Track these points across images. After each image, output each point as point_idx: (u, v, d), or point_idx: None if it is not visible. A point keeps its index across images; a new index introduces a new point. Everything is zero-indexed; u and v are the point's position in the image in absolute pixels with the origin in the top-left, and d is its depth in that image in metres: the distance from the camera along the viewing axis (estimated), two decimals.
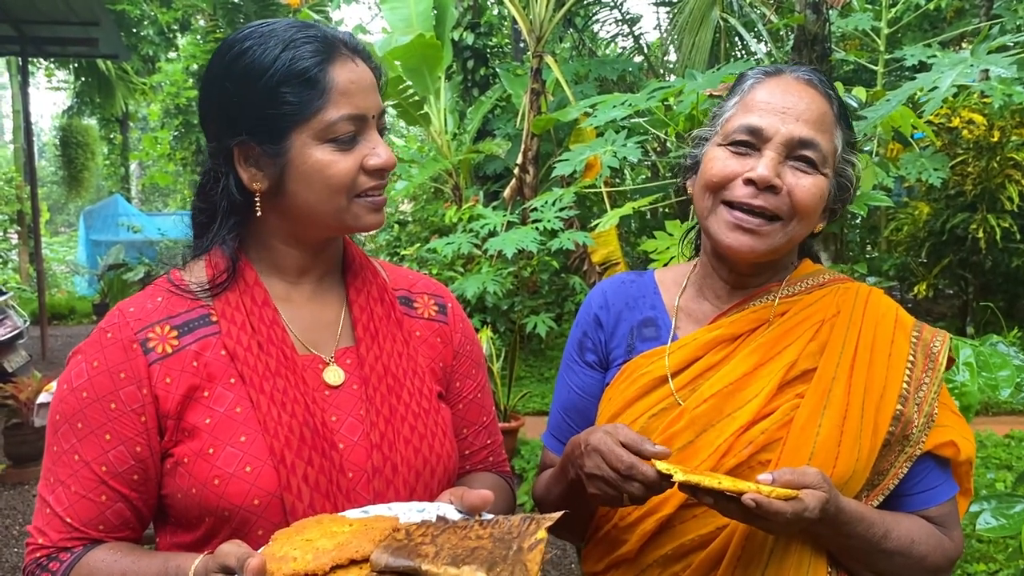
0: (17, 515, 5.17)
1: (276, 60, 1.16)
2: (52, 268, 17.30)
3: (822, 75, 1.35)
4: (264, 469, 1.14)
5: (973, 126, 7.48)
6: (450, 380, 1.42)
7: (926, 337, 1.34)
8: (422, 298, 1.43)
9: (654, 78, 9.96)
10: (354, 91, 1.18)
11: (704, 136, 1.38)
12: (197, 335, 1.20)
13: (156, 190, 26.29)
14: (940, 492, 1.32)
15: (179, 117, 19.01)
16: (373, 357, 1.29)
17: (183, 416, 1.17)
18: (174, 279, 1.26)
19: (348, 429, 1.23)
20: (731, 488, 1.07)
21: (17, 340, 7.97)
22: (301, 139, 1.18)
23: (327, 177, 1.18)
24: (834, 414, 1.25)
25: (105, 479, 1.16)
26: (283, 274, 1.29)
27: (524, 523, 0.98)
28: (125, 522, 1.19)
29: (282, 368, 1.20)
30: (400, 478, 1.23)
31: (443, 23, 7.65)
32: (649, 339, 1.42)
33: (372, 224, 1.24)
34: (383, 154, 1.21)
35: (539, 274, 5.88)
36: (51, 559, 1.15)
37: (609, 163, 3.40)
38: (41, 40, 9.72)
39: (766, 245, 1.27)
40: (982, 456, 5.41)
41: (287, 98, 1.16)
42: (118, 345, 1.18)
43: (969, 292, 8.59)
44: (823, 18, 3.27)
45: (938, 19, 11.36)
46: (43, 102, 59.11)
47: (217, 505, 1.13)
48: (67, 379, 1.20)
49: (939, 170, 3.12)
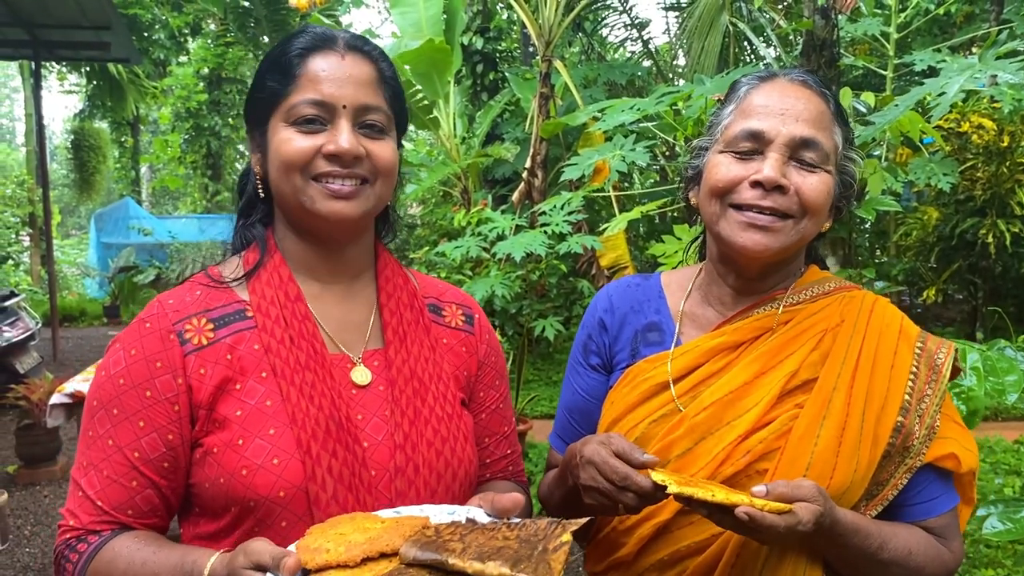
0: (28, 515, 5.20)
1: (272, 52, 1.26)
2: (63, 270, 17.40)
3: (815, 76, 1.36)
4: (291, 462, 1.17)
5: (983, 131, 7.46)
6: (474, 390, 1.44)
7: (930, 348, 1.33)
8: (450, 307, 1.46)
9: (663, 82, 9.96)
10: (323, 78, 1.22)
11: (703, 146, 1.39)
12: (232, 328, 1.24)
13: (166, 193, 26.41)
14: (940, 503, 1.32)
15: (189, 120, 19.13)
16: (400, 360, 1.31)
17: (215, 407, 1.20)
18: (211, 273, 1.31)
19: (373, 428, 1.25)
20: (725, 500, 1.07)
21: (29, 342, 8.02)
22: (275, 122, 1.24)
23: (282, 154, 1.22)
24: (833, 425, 1.25)
25: (137, 464, 1.19)
26: (313, 274, 1.32)
27: (550, 526, 1.01)
28: (153, 509, 1.21)
29: (312, 363, 1.23)
30: (421, 479, 1.25)
31: (453, 27, 7.68)
32: (653, 344, 1.42)
33: (329, 211, 1.23)
34: (343, 142, 1.21)
35: (547, 278, 5.88)
36: (80, 540, 1.18)
37: (618, 167, 3.41)
38: (54, 44, 9.79)
39: (779, 242, 1.27)
40: (990, 461, 5.39)
41: (267, 83, 1.25)
42: (156, 335, 1.22)
43: (978, 297, 8.56)
44: (832, 23, 3.28)
45: (947, 24, 11.33)
46: (55, 105, 59.49)
47: (244, 495, 1.16)
48: (105, 366, 1.23)
49: (948, 175, 3.12)
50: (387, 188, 1.29)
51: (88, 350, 10.89)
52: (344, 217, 1.23)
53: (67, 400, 3.65)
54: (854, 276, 3.19)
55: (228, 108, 19.82)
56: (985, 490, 4.75)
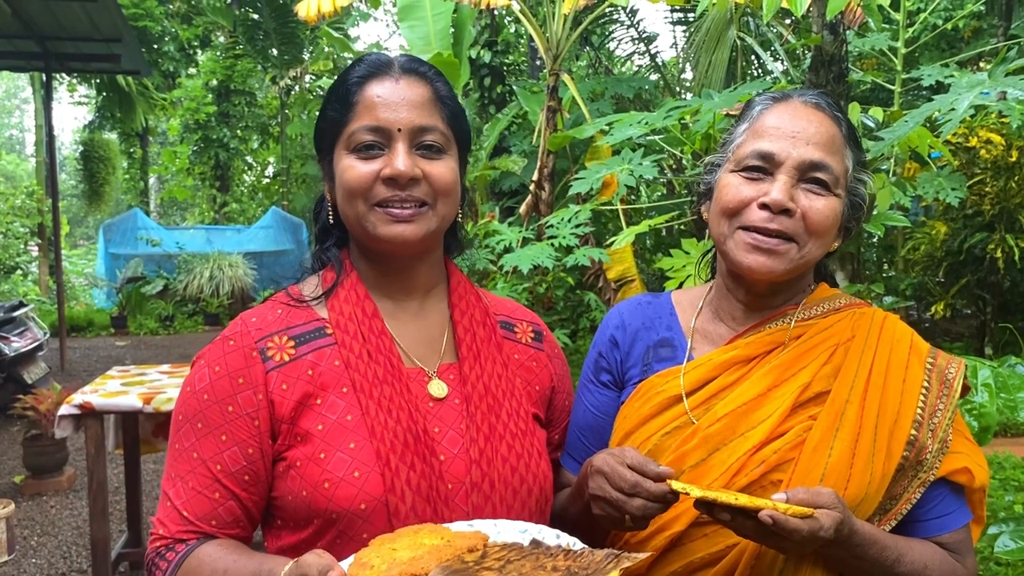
0: (35, 526, 5.20)
1: (333, 83, 1.32)
2: (71, 281, 17.44)
3: (829, 98, 1.37)
4: (371, 475, 1.20)
5: (991, 146, 7.45)
6: (551, 408, 1.49)
7: (941, 363, 1.34)
8: (521, 324, 1.50)
9: (670, 96, 9.98)
10: (379, 104, 1.26)
11: (716, 163, 1.41)
12: (313, 345, 1.29)
13: (175, 204, 26.54)
14: (954, 519, 1.32)
15: (198, 132, 19.21)
16: (475, 375, 1.34)
17: (296, 421, 1.24)
18: (292, 292, 1.36)
19: (449, 441, 1.28)
20: (747, 505, 1.07)
21: (37, 352, 8.05)
22: (338, 151, 1.30)
23: (345, 181, 1.27)
24: (847, 436, 1.26)
25: (219, 477, 1.23)
26: (387, 292, 1.37)
27: (606, 559, 0.99)
28: (236, 520, 1.25)
29: (389, 377, 1.27)
30: (497, 494, 1.27)
31: (461, 41, 7.73)
32: (665, 359, 1.43)
33: (389, 235, 1.26)
34: (400, 164, 1.24)
35: (554, 290, 5.89)
36: (168, 549, 1.23)
37: (625, 181, 3.42)
38: (65, 56, 9.87)
39: (784, 265, 1.29)
40: (1000, 478, 5.35)
41: (329, 114, 1.31)
42: (239, 352, 1.26)
43: (987, 312, 8.52)
44: (840, 38, 3.28)
45: (955, 39, 11.34)
46: (65, 117, 59.88)
47: (326, 508, 1.19)
48: (191, 382, 1.28)
49: (957, 190, 3.12)
50: (449, 207, 1.32)
51: (95, 360, 10.91)
52: (405, 240, 1.27)
53: (75, 411, 3.65)
54: (863, 291, 3.18)
55: (236, 120, 19.92)
56: (995, 507, 4.72)
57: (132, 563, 4.46)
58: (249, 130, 20.79)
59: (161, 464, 6.29)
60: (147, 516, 4.87)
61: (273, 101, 20.64)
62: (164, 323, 14.45)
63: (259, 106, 20.80)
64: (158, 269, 15.35)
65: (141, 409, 3.67)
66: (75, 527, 5.17)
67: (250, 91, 20.08)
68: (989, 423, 1.86)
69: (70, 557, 4.73)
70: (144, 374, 4.27)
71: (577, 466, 1.47)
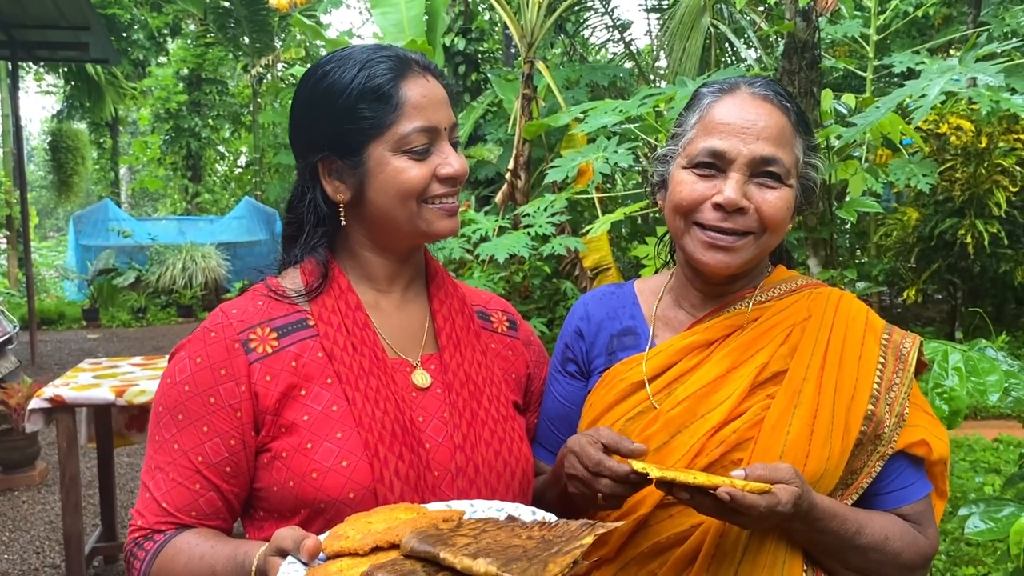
0: (7, 521, 5.14)
1: (353, 80, 1.28)
2: (41, 273, 17.19)
3: (777, 86, 1.39)
4: (359, 464, 1.22)
5: (961, 132, 7.53)
6: (528, 394, 1.53)
7: (896, 339, 1.38)
8: (496, 314, 1.54)
9: (645, 84, 9.99)
10: (426, 104, 1.29)
11: (667, 155, 1.43)
12: (296, 338, 1.30)
13: (146, 195, 26.20)
14: (914, 490, 1.35)
15: (169, 121, 19.00)
16: (456, 364, 1.38)
17: (281, 413, 1.25)
18: (272, 285, 1.36)
19: (433, 430, 1.31)
20: (706, 483, 1.10)
21: (6, 346, 7.91)
22: (379, 151, 1.29)
23: (401, 183, 1.28)
24: (804, 414, 1.29)
25: (200, 468, 1.24)
26: (372, 282, 1.39)
27: (581, 528, 1.00)
28: (216, 511, 1.26)
29: (375, 368, 1.29)
30: (482, 478, 1.31)
31: (434, 28, 7.67)
32: (628, 347, 1.47)
33: (445, 229, 1.33)
34: (455, 163, 1.31)
35: (531, 279, 5.89)
36: (146, 539, 1.24)
37: (601, 169, 3.41)
38: (31, 44, 9.69)
39: (740, 260, 1.33)
40: (971, 460, 5.44)
41: (364, 113, 1.28)
42: (221, 344, 1.27)
43: (958, 297, 8.64)
44: (813, 25, 3.29)
45: (926, 26, 11.45)
46: (33, 106, 58.92)
47: (314, 497, 1.21)
48: (171, 374, 1.29)
49: (928, 176, 3.15)
50: None
51: (67, 353, 10.76)
52: (453, 231, 1.34)
53: (46, 405, 3.59)
54: (836, 277, 3.21)
55: (208, 109, 19.71)
56: (965, 488, 4.80)
57: (106, 557, 4.42)
58: (221, 119, 20.58)
59: (135, 457, 6.23)
60: (121, 510, 4.82)
61: (245, 90, 20.42)
62: (136, 315, 14.29)
63: (231, 95, 20.58)
64: (130, 261, 15.17)
65: (114, 402, 3.63)
66: (48, 522, 5.11)
67: (221, 80, 19.86)
68: (959, 407, 1.88)
69: (43, 552, 4.68)
70: (116, 367, 4.22)
71: (548, 455, 1.50)
